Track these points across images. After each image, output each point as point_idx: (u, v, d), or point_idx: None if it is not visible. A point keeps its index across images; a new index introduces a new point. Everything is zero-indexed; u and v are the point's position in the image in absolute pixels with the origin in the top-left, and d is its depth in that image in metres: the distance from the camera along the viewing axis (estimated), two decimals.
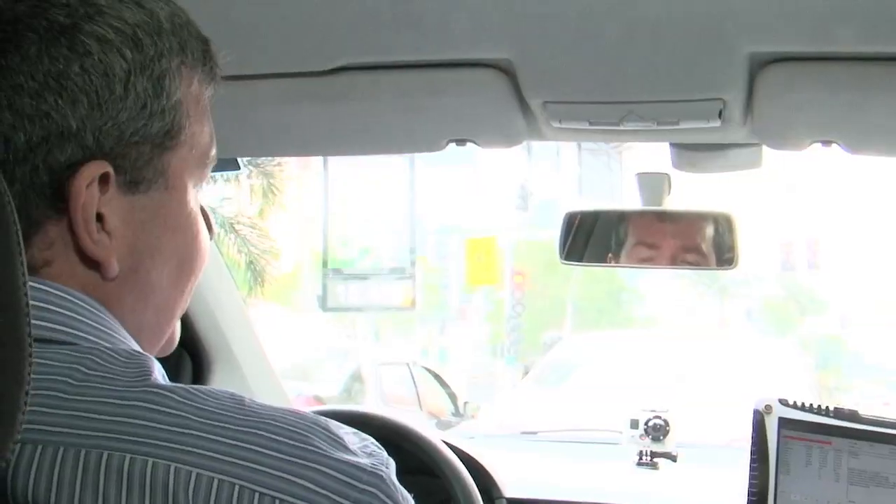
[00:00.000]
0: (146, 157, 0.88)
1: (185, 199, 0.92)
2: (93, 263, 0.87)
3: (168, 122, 0.88)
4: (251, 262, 12.49)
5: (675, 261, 2.01)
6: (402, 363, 12.63)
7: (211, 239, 1.03)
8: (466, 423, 9.53)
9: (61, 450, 0.78)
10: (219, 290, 2.07)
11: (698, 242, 1.97)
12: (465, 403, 11.37)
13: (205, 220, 1.00)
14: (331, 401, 10.92)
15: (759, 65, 1.37)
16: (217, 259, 2.08)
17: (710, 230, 1.96)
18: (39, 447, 0.78)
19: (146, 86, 0.87)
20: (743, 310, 31.73)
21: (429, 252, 26.98)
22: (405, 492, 0.85)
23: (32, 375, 0.77)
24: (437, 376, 12.66)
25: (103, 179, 0.85)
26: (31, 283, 0.82)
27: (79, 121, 0.84)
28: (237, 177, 12.01)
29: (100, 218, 0.86)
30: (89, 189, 0.85)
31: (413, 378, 12.03)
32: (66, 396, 0.79)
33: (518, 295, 21.96)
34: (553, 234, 2.06)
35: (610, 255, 2.04)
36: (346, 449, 0.82)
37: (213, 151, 0.96)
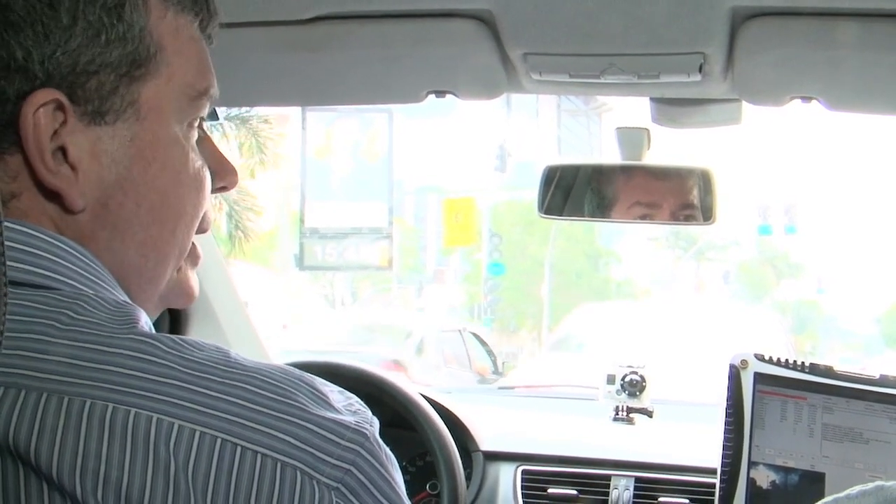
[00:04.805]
0: (109, 87, 0.85)
1: (163, 132, 0.89)
2: (57, 196, 0.85)
3: (131, 51, 0.86)
4: (235, 221, 12.49)
5: (673, 217, 2.01)
6: (456, 329, 14.59)
7: (231, 187, 1.01)
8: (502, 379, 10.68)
9: (44, 396, 0.76)
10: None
11: (691, 199, 1.97)
12: (503, 363, 13.51)
13: (220, 163, 0.98)
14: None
15: (741, 19, 1.37)
16: None
17: (695, 186, 1.96)
18: (23, 392, 0.77)
19: (99, 14, 0.84)
20: (720, 273, 31.90)
21: (406, 213, 26.99)
22: (388, 450, 0.84)
23: (19, 318, 0.76)
24: (480, 340, 14.53)
25: (59, 109, 0.83)
26: (14, 226, 0.82)
27: (25, 51, 0.82)
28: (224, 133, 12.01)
29: (64, 151, 0.84)
30: (39, 117, 0.83)
31: (464, 342, 13.79)
32: (52, 341, 0.78)
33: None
34: (531, 195, 2.05)
35: (596, 210, 2.03)
36: (330, 406, 0.82)
37: (206, 86, 0.93)
